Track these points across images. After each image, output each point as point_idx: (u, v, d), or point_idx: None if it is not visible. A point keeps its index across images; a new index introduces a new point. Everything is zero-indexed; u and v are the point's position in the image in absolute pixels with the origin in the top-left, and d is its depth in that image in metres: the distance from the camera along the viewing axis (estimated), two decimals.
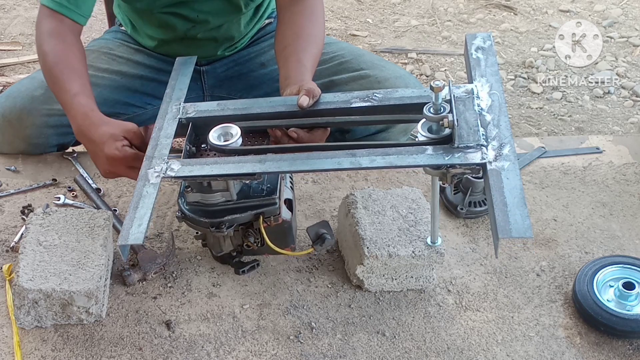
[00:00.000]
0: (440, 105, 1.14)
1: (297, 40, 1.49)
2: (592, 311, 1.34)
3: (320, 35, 1.54)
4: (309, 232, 1.35)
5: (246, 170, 1.16)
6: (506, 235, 0.99)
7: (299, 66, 1.42)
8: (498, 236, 0.99)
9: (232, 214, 1.28)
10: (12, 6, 3.21)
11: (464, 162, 1.09)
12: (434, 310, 1.39)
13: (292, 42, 1.49)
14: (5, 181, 1.65)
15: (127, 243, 1.09)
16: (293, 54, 1.46)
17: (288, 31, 1.52)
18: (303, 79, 1.37)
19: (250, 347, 1.31)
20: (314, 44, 1.51)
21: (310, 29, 1.52)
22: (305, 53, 1.46)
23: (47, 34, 1.51)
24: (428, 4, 3.34)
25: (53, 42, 1.49)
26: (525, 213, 1.01)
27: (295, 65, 1.43)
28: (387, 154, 1.13)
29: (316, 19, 1.55)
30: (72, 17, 1.53)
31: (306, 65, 1.43)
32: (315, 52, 1.50)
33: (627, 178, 1.73)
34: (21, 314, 1.30)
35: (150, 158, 1.21)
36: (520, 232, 0.99)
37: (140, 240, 1.08)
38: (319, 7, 1.57)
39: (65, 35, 1.51)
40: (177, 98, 1.34)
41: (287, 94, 1.33)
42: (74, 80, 1.44)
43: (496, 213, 1.01)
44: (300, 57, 1.44)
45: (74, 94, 1.42)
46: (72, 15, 1.53)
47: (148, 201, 1.13)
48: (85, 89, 1.43)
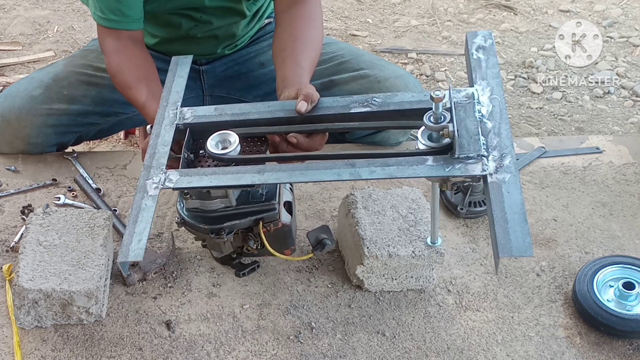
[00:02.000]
0: (440, 114, 1.13)
1: (294, 43, 1.49)
2: (592, 311, 1.34)
3: (318, 38, 1.54)
4: (309, 237, 1.35)
5: (245, 182, 1.15)
6: (507, 254, 0.98)
7: (297, 68, 1.42)
8: (499, 255, 0.99)
9: (232, 220, 1.27)
10: (12, 6, 3.20)
11: (465, 173, 1.08)
12: (434, 310, 1.39)
13: (290, 44, 1.49)
14: (5, 181, 1.65)
15: (127, 260, 1.09)
16: (290, 56, 1.45)
17: (286, 34, 1.52)
18: (300, 81, 1.37)
19: (250, 347, 1.31)
20: (312, 46, 1.50)
21: (308, 32, 1.52)
22: (303, 55, 1.46)
23: (110, 53, 1.57)
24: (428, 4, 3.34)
25: (116, 59, 1.55)
26: (526, 230, 1.00)
27: (293, 67, 1.42)
28: (387, 165, 1.12)
29: (314, 22, 1.55)
30: (127, 28, 1.56)
31: (304, 67, 1.43)
32: (313, 54, 1.49)
33: (627, 178, 1.73)
34: (21, 314, 1.30)
35: (149, 168, 1.19)
36: (520, 251, 0.99)
37: (140, 257, 1.08)
38: (318, 11, 1.57)
39: (125, 49, 1.56)
40: (173, 102, 1.32)
41: (285, 96, 1.32)
42: (140, 89, 1.50)
43: (497, 230, 1.01)
44: (298, 59, 1.44)
45: (143, 103, 1.49)
46: (126, 27, 1.56)
47: (147, 214, 1.12)
48: (152, 93, 1.48)
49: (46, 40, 2.99)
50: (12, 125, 1.68)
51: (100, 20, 1.56)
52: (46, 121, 1.68)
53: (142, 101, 1.49)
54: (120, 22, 1.55)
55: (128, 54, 1.56)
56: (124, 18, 1.55)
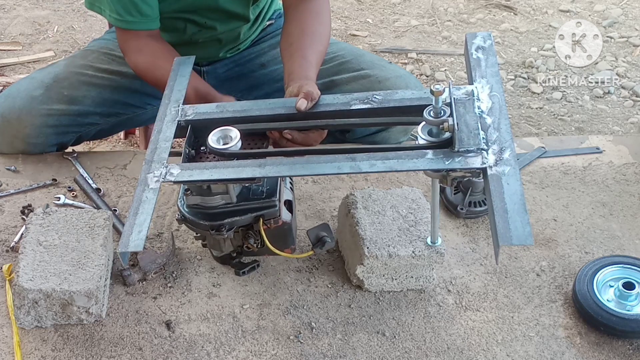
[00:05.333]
0: (440, 109, 1.14)
1: (302, 37, 1.49)
2: (592, 311, 1.34)
3: (326, 33, 1.55)
4: (309, 234, 1.35)
5: (246, 175, 1.15)
6: (507, 242, 0.99)
7: (304, 62, 1.43)
8: (499, 243, 0.99)
9: (232, 217, 1.27)
10: (12, 6, 3.20)
11: (465, 166, 1.09)
12: (434, 310, 1.39)
13: (298, 39, 1.49)
14: (5, 181, 1.65)
15: (127, 250, 1.09)
16: (298, 50, 1.46)
17: (294, 29, 1.52)
18: (307, 75, 1.37)
19: (250, 347, 1.31)
20: (320, 41, 1.51)
21: (316, 27, 1.53)
22: (311, 50, 1.46)
23: (131, 52, 1.59)
24: (428, 4, 3.34)
25: (141, 58, 1.58)
26: (525, 220, 1.01)
27: (300, 62, 1.43)
28: (387, 158, 1.13)
29: (323, 18, 1.56)
30: (144, 28, 1.57)
31: (311, 61, 1.44)
32: (320, 49, 1.50)
33: (627, 178, 1.73)
34: (21, 314, 1.30)
35: (150, 162, 1.20)
36: (520, 239, 0.99)
37: (140, 247, 1.08)
38: (326, 7, 1.58)
39: (147, 46, 1.58)
40: (175, 100, 1.33)
41: (289, 92, 1.33)
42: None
43: (497, 220, 1.01)
44: (306, 54, 1.45)
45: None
46: (144, 27, 1.57)
47: (148, 207, 1.13)
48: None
49: (46, 40, 2.99)
50: (12, 126, 1.68)
51: (117, 23, 1.56)
52: (46, 121, 1.68)
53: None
54: (137, 23, 1.55)
55: (152, 51, 1.56)
56: (141, 18, 1.55)
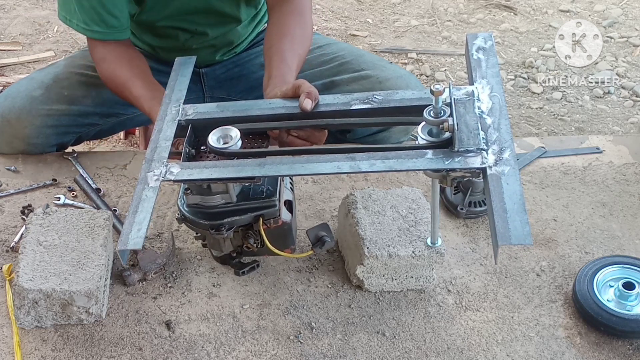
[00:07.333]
0: (440, 109, 1.14)
1: (282, 40, 1.49)
2: (592, 311, 1.34)
3: (307, 35, 1.54)
4: (309, 234, 1.35)
5: (246, 174, 1.15)
6: (506, 242, 0.99)
7: (283, 66, 1.42)
8: (498, 243, 0.99)
9: (232, 216, 1.27)
10: (12, 6, 3.21)
11: (464, 166, 1.09)
12: (434, 310, 1.39)
13: (277, 41, 1.49)
14: (5, 181, 1.65)
15: (126, 248, 1.09)
16: (277, 53, 1.45)
17: (274, 31, 1.52)
18: (285, 79, 1.37)
19: (250, 347, 1.31)
20: (300, 43, 1.50)
21: (296, 29, 1.52)
22: (290, 52, 1.46)
23: (99, 61, 1.60)
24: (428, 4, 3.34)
25: (105, 66, 1.59)
26: (525, 219, 1.01)
27: (279, 65, 1.42)
28: (386, 158, 1.12)
29: (303, 19, 1.55)
30: (111, 38, 1.58)
31: (290, 65, 1.43)
32: (300, 52, 1.49)
33: (627, 178, 1.73)
34: (21, 314, 1.30)
35: (150, 161, 1.20)
36: (519, 239, 0.99)
37: (139, 245, 1.08)
38: (307, 7, 1.57)
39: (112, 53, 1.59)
40: (176, 99, 1.34)
41: (283, 93, 1.32)
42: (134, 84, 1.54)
43: (496, 219, 1.01)
44: (285, 57, 1.44)
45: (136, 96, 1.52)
46: (111, 37, 1.58)
47: (147, 205, 1.13)
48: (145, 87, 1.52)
49: (46, 40, 3.00)
50: (12, 126, 1.68)
51: (85, 33, 1.57)
52: (46, 121, 1.68)
53: (136, 95, 1.50)
54: (105, 34, 1.57)
55: (116, 58, 1.57)
56: (107, 29, 1.56)
